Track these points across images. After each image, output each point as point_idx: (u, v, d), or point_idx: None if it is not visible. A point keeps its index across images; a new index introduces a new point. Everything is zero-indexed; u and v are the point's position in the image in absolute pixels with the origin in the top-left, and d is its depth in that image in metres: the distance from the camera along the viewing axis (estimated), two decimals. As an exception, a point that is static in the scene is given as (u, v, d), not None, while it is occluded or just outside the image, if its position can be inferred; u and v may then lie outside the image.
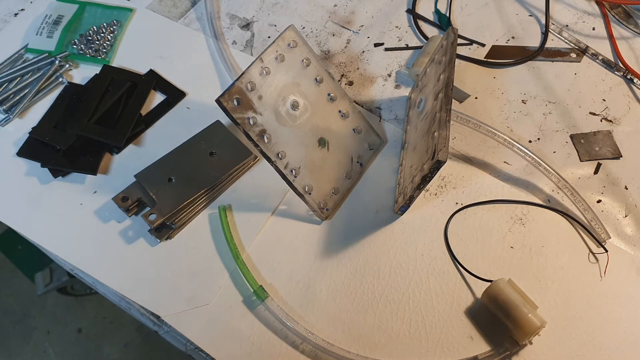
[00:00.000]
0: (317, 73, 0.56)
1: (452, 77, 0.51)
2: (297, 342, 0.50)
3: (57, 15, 0.71)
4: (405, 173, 0.57)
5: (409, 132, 0.61)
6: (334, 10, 0.74)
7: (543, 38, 0.70)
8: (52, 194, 0.59)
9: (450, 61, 0.52)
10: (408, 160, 0.57)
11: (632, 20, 0.72)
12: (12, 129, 0.63)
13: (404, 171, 0.58)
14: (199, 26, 0.72)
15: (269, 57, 0.53)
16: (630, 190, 0.59)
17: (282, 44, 0.54)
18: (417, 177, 0.51)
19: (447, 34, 0.55)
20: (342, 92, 0.58)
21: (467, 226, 0.56)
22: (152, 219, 0.54)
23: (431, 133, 0.51)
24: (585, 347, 0.50)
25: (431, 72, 0.58)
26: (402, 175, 0.58)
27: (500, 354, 0.49)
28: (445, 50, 0.54)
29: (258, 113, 0.53)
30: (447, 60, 0.53)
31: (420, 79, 0.62)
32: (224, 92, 0.51)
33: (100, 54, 0.69)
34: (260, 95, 0.53)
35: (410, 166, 0.55)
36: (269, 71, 0.53)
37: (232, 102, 0.51)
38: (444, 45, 0.55)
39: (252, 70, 0.52)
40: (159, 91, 0.66)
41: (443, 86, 0.51)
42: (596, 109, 0.64)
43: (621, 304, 0.52)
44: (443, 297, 0.52)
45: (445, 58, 0.53)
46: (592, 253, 0.55)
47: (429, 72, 0.58)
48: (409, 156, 0.57)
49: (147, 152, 0.61)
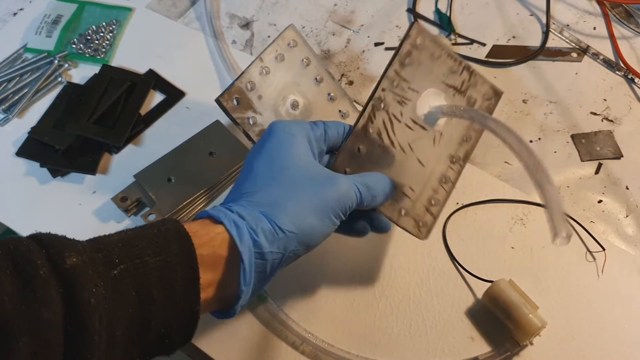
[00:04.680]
0: (317, 72, 0.56)
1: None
2: (297, 342, 0.50)
3: (56, 14, 0.71)
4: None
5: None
6: (334, 9, 0.73)
7: (544, 38, 0.70)
8: (51, 194, 0.59)
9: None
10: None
11: (633, 20, 0.72)
12: (11, 129, 0.63)
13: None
14: (198, 25, 0.72)
15: (268, 56, 0.53)
16: (631, 190, 0.58)
17: (282, 43, 0.54)
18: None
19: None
20: (342, 91, 0.58)
21: (468, 226, 0.56)
22: (152, 219, 0.54)
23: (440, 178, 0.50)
24: (586, 347, 0.50)
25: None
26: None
27: (501, 354, 0.49)
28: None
29: (258, 113, 0.52)
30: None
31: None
32: (224, 91, 0.51)
33: (100, 53, 0.69)
34: (260, 94, 0.52)
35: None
36: (268, 71, 0.53)
37: (232, 101, 0.51)
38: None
39: (252, 70, 0.52)
40: (159, 91, 0.66)
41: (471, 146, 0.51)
42: (597, 109, 0.64)
43: (622, 304, 0.52)
44: (443, 298, 0.52)
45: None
46: (590, 252, 0.54)
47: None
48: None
49: (146, 152, 0.61)
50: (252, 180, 0.41)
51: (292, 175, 0.41)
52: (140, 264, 0.34)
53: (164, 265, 0.34)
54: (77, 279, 0.31)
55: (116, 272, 0.33)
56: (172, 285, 0.34)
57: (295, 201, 0.40)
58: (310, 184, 0.41)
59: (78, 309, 0.30)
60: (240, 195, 0.41)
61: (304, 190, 0.40)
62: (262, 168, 0.41)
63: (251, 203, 0.40)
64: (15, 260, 0.30)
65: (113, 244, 0.34)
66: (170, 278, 0.34)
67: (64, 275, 0.31)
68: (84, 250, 0.32)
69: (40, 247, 0.32)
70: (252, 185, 0.41)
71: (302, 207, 0.40)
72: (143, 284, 0.33)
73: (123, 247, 0.34)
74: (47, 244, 0.32)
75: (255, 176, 0.41)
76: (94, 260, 0.32)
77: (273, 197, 0.40)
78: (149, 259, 0.34)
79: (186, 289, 0.35)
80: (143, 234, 0.35)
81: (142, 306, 0.33)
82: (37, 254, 0.31)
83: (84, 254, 0.32)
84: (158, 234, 0.35)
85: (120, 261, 0.33)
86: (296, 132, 0.43)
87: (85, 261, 0.32)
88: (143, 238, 0.35)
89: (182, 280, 0.35)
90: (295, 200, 0.40)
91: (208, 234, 0.37)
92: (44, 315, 0.29)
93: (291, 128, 0.43)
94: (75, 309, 0.30)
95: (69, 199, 0.58)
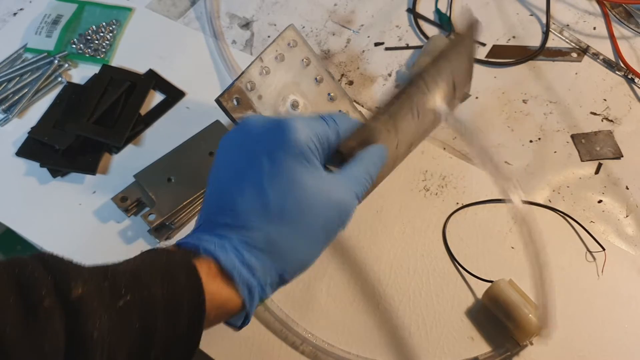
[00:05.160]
0: (317, 72, 0.56)
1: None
2: (297, 342, 0.50)
3: (56, 14, 0.71)
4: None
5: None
6: (334, 9, 0.73)
7: (544, 37, 0.70)
8: (51, 194, 0.59)
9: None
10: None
11: (633, 20, 0.72)
12: (11, 129, 0.63)
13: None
14: (198, 25, 0.72)
15: (268, 56, 0.53)
16: (631, 190, 0.58)
17: (282, 43, 0.54)
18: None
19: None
20: (342, 91, 0.58)
21: (468, 226, 0.56)
22: (152, 219, 0.54)
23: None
24: (586, 347, 0.50)
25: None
26: None
27: (501, 354, 0.49)
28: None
29: (258, 113, 0.52)
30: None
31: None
32: (224, 91, 0.51)
33: (100, 53, 0.68)
34: (260, 94, 0.53)
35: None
36: (268, 71, 0.53)
37: (232, 101, 0.51)
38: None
39: (252, 70, 0.52)
40: (159, 91, 0.66)
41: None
42: (597, 109, 0.64)
43: (622, 304, 0.52)
44: (443, 298, 0.52)
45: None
46: (590, 252, 0.54)
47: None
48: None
49: (146, 152, 0.61)
50: (247, 207, 0.37)
51: (297, 212, 0.37)
52: (147, 294, 0.33)
53: (171, 296, 0.34)
54: (82, 311, 0.30)
55: (122, 303, 0.32)
56: (178, 316, 0.34)
57: (302, 247, 0.38)
58: (315, 219, 0.38)
59: (80, 342, 0.30)
60: (234, 218, 0.37)
61: (311, 230, 0.38)
62: (260, 194, 0.37)
63: (254, 242, 0.37)
64: (20, 287, 0.30)
65: (121, 274, 0.33)
66: (176, 309, 0.34)
67: (69, 307, 0.30)
68: (90, 279, 0.32)
69: (46, 273, 0.31)
70: (247, 215, 0.37)
71: (310, 252, 0.38)
72: (148, 315, 0.33)
73: (130, 277, 0.33)
74: (53, 269, 0.32)
75: (252, 203, 0.37)
76: (100, 290, 0.32)
77: (279, 243, 0.37)
78: (156, 289, 0.33)
79: (191, 320, 0.35)
80: (151, 264, 0.35)
81: (144, 336, 0.33)
82: (43, 280, 0.31)
83: (91, 283, 0.32)
84: (165, 265, 0.35)
85: (127, 291, 0.33)
86: (303, 145, 0.38)
87: (92, 291, 0.31)
88: (151, 268, 0.34)
89: (188, 312, 0.34)
90: (303, 246, 0.38)
91: (220, 293, 0.36)
92: (45, 348, 0.29)
93: (299, 138, 0.38)
94: (77, 341, 0.30)
95: (69, 199, 0.58)
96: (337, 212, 0.39)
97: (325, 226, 0.39)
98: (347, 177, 0.40)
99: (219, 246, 0.36)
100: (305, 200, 0.37)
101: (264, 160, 0.38)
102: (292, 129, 0.38)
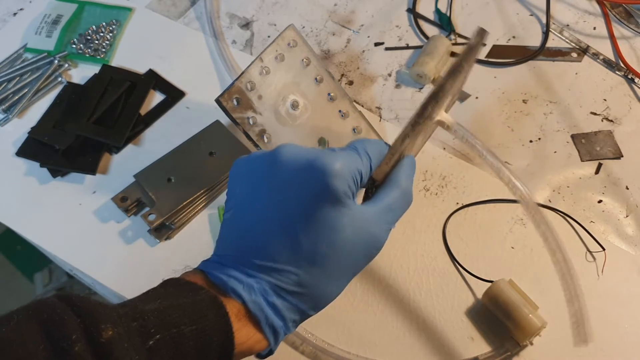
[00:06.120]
0: (317, 72, 0.56)
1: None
2: (297, 342, 0.50)
3: (56, 14, 0.71)
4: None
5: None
6: (334, 9, 0.73)
7: (544, 37, 0.70)
8: (51, 194, 0.59)
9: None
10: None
11: (633, 20, 0.72)
12: (11, 129, 0.63)
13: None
14: (198, 25, 0.72)
15: (268, 56, 0.53)
16: (631, 190, 0.58)
17: (282, 43, 0.54)
18: None
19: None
20: (342, 91, 0.58)
21: (468, 226, 0.56)
22: (152, 219, 0.54)
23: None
24: (586, 347, 0.50)
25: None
26: None
27: (501, 354, 0.49)
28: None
29: (258, 113, 0.52)
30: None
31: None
32: (224, 91, 0.51)
33: (100, 53, 0.68)
34: (260, 94, 0.53)
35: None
36: (268, 71, 0.53)
37: (232, 101, 0.51)
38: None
39: (252, 70, 0.52)
40: (159, 91, 0.66)
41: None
42: (597, 109, 0.64)
43: (622, 304, 0.52)
44: (443, 298, 0.52)
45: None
46: (590, 252, 0.54)
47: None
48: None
49: (146, 152, 0.61)
50: (278, 250, 0.36)
51: (329, 254, 0.36)
52: (177, 333, 0.33)
53: (201, 334, 0.34)
54: (113, 354, 0.30)
55: (152, 343, 0.32)
56: (207, 355, 0.34)
57: (331, 286, 0.38)
58: (347, 259, 0.37)
59: None
60: (264, 260, 0.36)
61: (342, 269, 0.38)
62: (294, 239, 0.36)
63: (283, 285, 0.36)
64: (50, 334, 0.30)
65: (149, 313, 0.33)
66: (205, 347, 0.34)
67: (100, 350, 0.30)
68: (119, 321, 0.32)
69: (75, 316, 0.31)
70: (278, 258, 0.36)
71: (338, 288, 0.38)
72: (178, 354, 0.33)
73: (159, 316, 0.33)
74: (82, 312, 0.31)
75: (284, 247, 0.36)
76: (130, 331, 0.32)
77: (309, 285, 0.37)
78: (185, 328, 0.33)
79: (221, 357, 0.35)
80: (177, 303, 0.34)
81: None
82: (72, 325, 0.30)
83: (120, 325, 0.32)
84: (193, 303, 0.35)
85: (156, 331, 0.32)
86: (341, 193, 0.36)
87: (121, 333, 0.31)
88: (178, 307, 0.34)
89: (218, 348, 0.34)
90: (332, 285, 0.38)
91: (246, 334, 0.36)
92: None
93: (337, 186, 0.36)
94: None
95: (69, 199, 0.58)
96: (368, 247, 0.38)
97: (356, 263, 0.38)
98: (381, 208, 0.39)
99: (247, 286, 0.36)
100: (339, 242, 0.37)
101: (298, 206, 0.36)
102: (329, 175, 0.35)
